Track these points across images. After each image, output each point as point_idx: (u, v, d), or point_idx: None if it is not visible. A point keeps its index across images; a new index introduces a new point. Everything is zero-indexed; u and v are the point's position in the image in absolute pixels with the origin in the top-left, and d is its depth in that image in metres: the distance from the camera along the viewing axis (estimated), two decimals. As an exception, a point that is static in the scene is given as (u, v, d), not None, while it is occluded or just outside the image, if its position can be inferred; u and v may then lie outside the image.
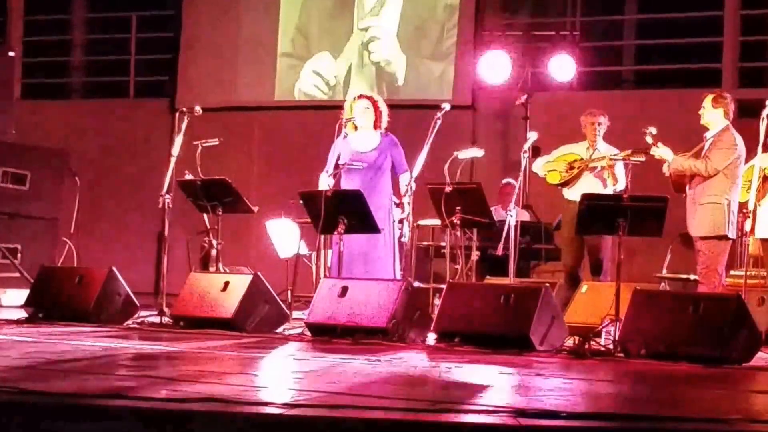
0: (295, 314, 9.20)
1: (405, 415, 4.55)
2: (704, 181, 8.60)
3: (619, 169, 9.47)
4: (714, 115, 8.71)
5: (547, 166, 9.71)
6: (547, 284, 8.32)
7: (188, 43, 14.72)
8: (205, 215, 9.66)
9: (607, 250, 9.51)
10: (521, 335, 7.41)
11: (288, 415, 4.52)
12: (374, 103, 9.20)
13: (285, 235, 11.03)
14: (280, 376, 6.19)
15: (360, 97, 9.27)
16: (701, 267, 8.64)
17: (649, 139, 8.68)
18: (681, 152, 8.73)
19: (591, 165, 9.52)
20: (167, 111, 14.06)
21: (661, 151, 8.71)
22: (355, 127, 9.11)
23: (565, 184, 9.66)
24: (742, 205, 8.71)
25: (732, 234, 8.61)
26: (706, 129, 8.75)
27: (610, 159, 9.39)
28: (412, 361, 6.84)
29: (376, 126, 9.15)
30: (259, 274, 8.75)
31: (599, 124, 9.63)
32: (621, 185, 9.41)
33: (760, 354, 7.14)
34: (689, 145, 8.81)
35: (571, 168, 9.62)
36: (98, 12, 15.43)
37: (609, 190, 9.34)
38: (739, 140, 8.65)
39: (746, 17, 12.90)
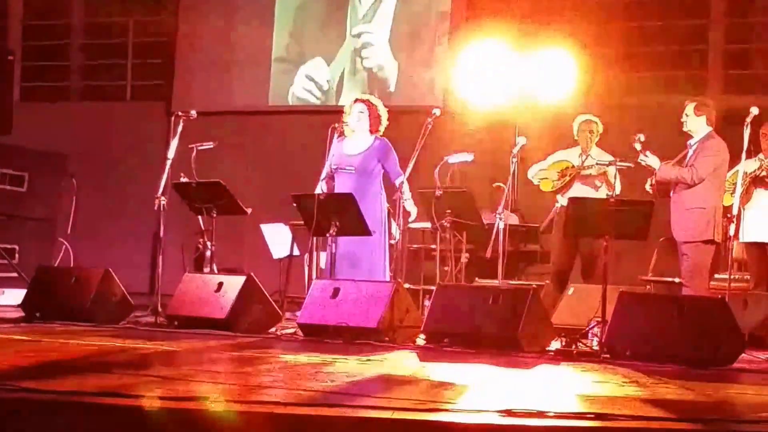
0: (288, 315, 9.27)
1: (395, 414, 4.59)
2: (689, 187, 8.68)
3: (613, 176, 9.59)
4: (697, 123, 8.75)
5: (540, 174, 9.83)
6: (535, 286, 8.41)
7: (184, 48, 14.76)
8: (199, 217, 9.72)
9: (602, 255, 9.61)
10: (509, 336, 7.48)
11: (280, 414, 4.57)
12: (370, 107, 9.16)
13: (279, 237, 11.11)
14: (273, 375, 6.26)
15: (357, 101, 9.25)
16: (686, 271, 8.69)
17: (637, 146, 8.68)
18: (666, 159, 8.80)
19: (583, 173, 9.64)
20: (163, 114, 14.08)
21: (649, 161, 8.74)
22: (347, 131, 9.16)
23: (557, 191, 9.78)
24: (727, 209, 8.78)
25: (718, 238, 8.70)
26: (688, 135, 8.84)
27: (600, 165, 9.50)
28: (402, 361, 6.92)
29: (371, 130, 9.17)
30: (252, 275, 8.84)
31: (591, 132, 9.73)
32: (617, 192, 9.52)
33: (743, 356, 7.22)
34: (674, 151, 8.89)
35: (563, 176, 9.73)
36: (96, 17, 15.47)
37: (601, 196, 9.45)
38: (723, 146, 8.69)
39: (732, 25, 12.99)
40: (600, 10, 13.22)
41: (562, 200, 9.74)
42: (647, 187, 8.89)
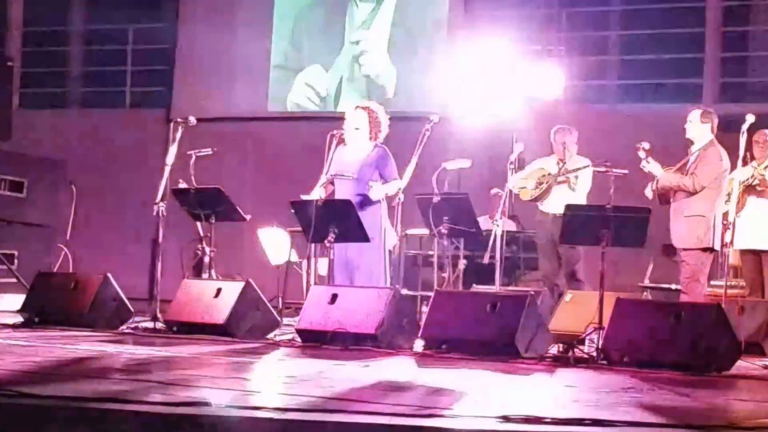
0: (286, 320, 9.27)
1: (392, 419, 4.62)
2: (689, 194, 8.71)
3: (581, 181, 9.64)
4: (702, 130, 8.77)
5: (520, 183, 9.89)
6: (532, 292, 8.43)
7: (183, 55, 14.83)
8: (198, 223, 9.74)
9: (581, 259, 9.66)
10: (507, 342, 7.49)
11: (278, 420, 4.60)
12: (370, 114, 9.09)
13: (276, 243, 11.13)
14: (271, 381, 6.28)
15: (357, 107, 9.20)
16: (684, 277, 8.72)
17: (641, 154, 8.72)
18: (665, 166, 8.83)
19: (559, 179, 9.71)
20: (162, 121, 14.13)
21: (651, 167, 8.76)
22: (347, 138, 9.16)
23: (536, 200, 9.83)
24: (723, 217, 8.84)
25: (717, 246, 8.73)
26: (689, 142, 8.86)
27: (597, 170, 9.55)
28: (400, 367, 6.96)
29: (371, 137, 9.09)
30: (250, 281, 8.86)
31: (564, 143, 9.81)
32: (578, 197, 9.55)
33: (739, 362, 7.25)
34: (670, 159, 8.91)
35: (540, 184, 9.79)
36: (96, 24, 15.53)
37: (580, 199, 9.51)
38: (724, 155, 8.71)
39: (727, 33, 13.04)
40: (596, 17, 13.27)
41: (543, 206, 9.82)
42: (647, 192, 8.91)
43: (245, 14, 14.64)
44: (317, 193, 8.87)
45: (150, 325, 9.02)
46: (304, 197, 9.11)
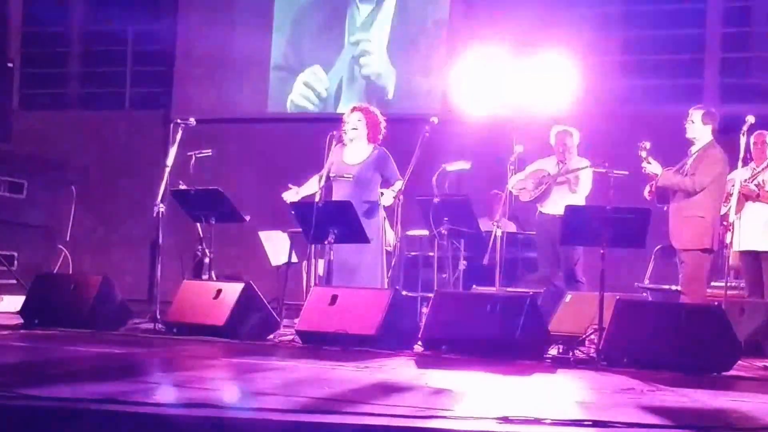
0: (286, 322, 9.28)
1: (392, 420, 4.62)
2: (689, 195, 8.71)
3: (582, 183, 9.63)
4: (702, 131, 8.76)
5: (519, 185, 9.89)
6: (532, 293, 8.44)
7: (183, 56, 14.83)
8: (198, 224, 9.74)
9: (580, 259, 9.66)
10: (507, 343, 7.50)
11: (278, 421, 4.61)
12: (367, 115, 9.13)
13: (277, 244, 11.14)
14: (271, 382, 6.29)
15: (354, 109, 9.23)
16: (684, 278, 8.72)
17: (643, 153, 8.73)
18: (665, 166, 8.83)
19: (558, 180, 9.70)
20: (162, 122, 14.13)
21: (651, 168, 8.77)
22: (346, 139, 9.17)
23: (536, 200, 9.83)
24: (723, 218, 8.85)
25: (716, 246, 8.73)
26: (689, 143, 8.86)
27: (592, 169, 9.55)
28: (400, 368, 6.95)
29: (369, 139, 9.14)
30: (250, 282, 8.86)
31: (565, 144, 9.80)
32: (578, 198, 9.55)
33: (739, 363, 7.24)
34: (670, 159, 8.91)
35: (539, 185, 9.80)
36: (95, 24, 15.53)
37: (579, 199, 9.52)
38: (724, 156, 8.72)
39: (728, 34, 13.06)
40: (597, 18, 13.27)
41: (542, 207, 9.82)
42: (645, 193, 8.93)
43: (245, 15, 14.64)
44: (310, 185, 8.92)
45: (150, 326, 9.02)
46: (291, 185, 9.14)
